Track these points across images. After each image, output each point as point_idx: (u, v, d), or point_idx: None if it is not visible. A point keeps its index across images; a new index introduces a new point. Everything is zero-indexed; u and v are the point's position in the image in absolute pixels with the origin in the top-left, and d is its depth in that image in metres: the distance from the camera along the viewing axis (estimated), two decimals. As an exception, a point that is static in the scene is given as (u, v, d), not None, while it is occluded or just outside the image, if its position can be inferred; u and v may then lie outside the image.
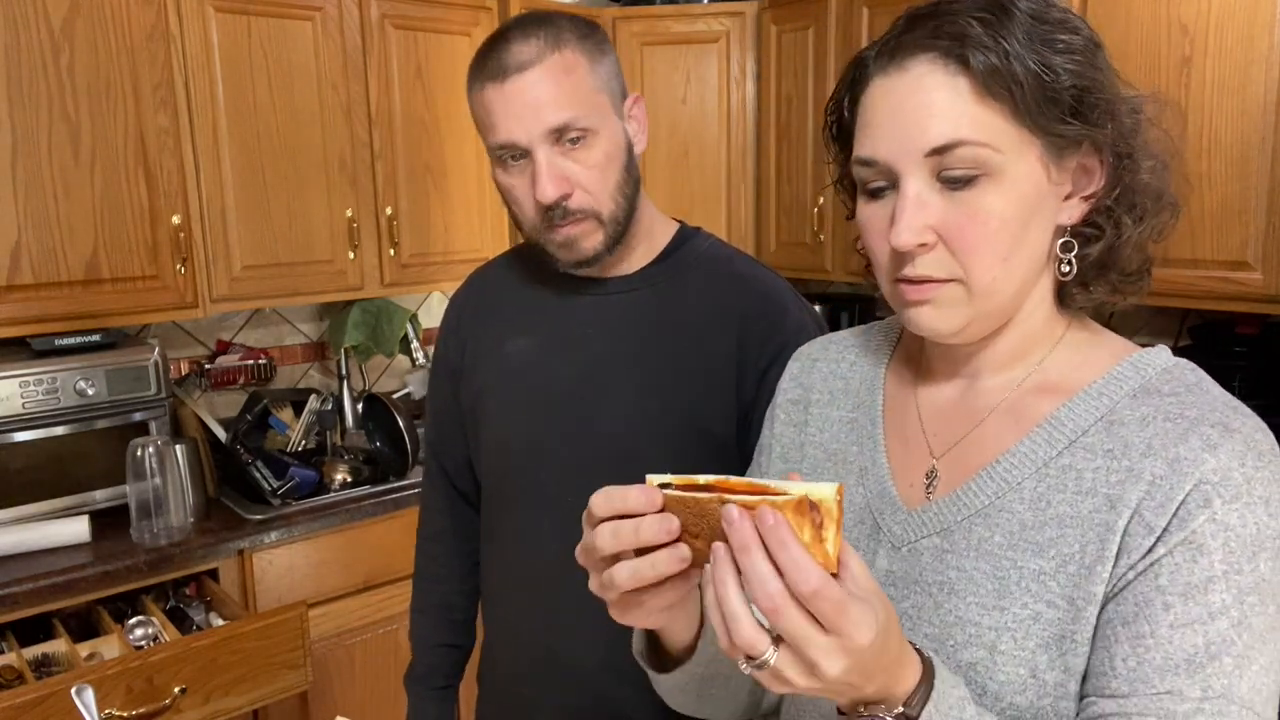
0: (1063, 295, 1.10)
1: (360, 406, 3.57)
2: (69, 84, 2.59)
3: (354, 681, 3.06)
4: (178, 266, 2.82)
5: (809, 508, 0.79)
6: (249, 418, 3.24)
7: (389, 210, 3.31)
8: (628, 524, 0.88)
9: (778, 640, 0.81)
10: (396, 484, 3.18)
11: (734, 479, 0.84)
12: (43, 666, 2.39)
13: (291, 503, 2.97)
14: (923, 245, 1.00)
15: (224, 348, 3.39)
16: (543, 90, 1.44)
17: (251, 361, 3.38)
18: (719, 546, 0.82)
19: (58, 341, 2.65)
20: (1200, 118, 2.49)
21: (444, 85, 3.41)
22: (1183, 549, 0.93)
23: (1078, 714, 0.97)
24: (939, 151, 0.98)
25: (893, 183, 1.03)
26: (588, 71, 1.48)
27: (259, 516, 2.86)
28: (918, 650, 0.91)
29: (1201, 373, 1.05)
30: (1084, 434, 1.03)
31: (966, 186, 0.99)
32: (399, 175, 3.34)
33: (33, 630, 2.51)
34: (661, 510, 0.87)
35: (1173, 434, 0.97)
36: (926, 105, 0.99)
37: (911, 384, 1.20)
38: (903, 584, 1.09)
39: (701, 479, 0.86)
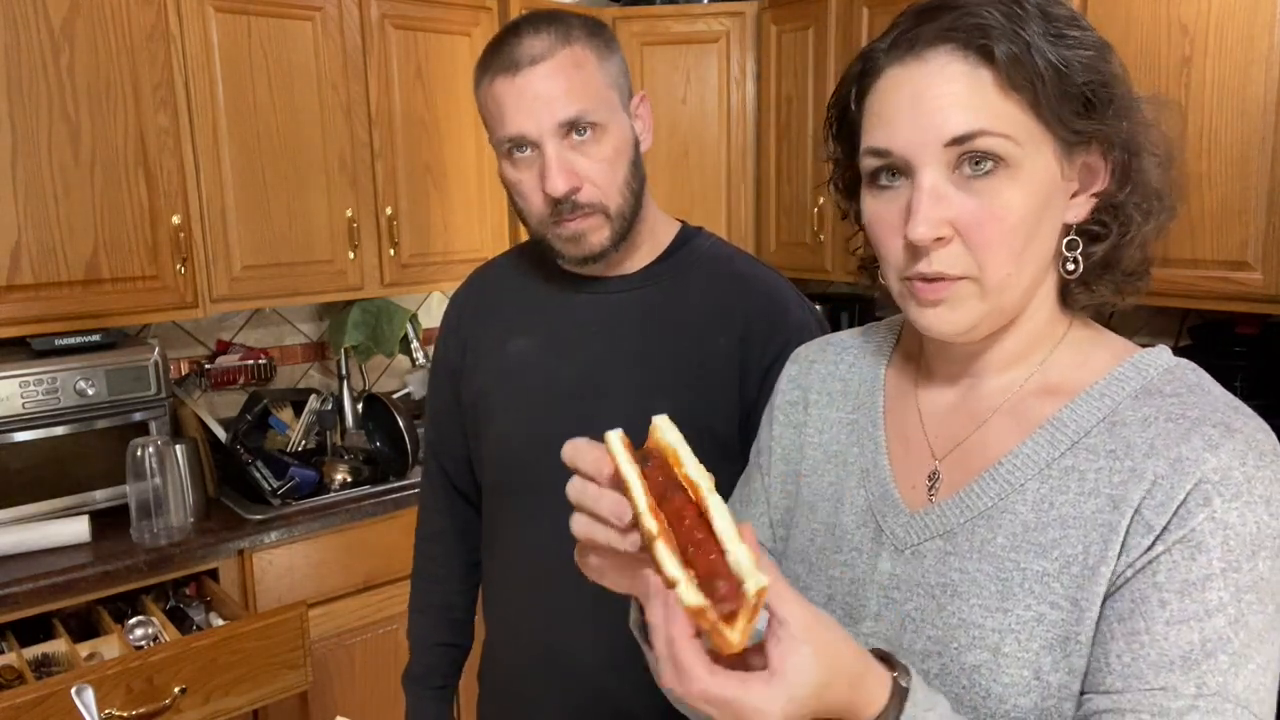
0: (1065, 295, 1.09)
1: (360, 406, 3.57)
2: (69, 84, 2.59)
3: (354, 681, 3.06)
4: (178, 266, 2.82)
5: (722, 597, 0.78)
6: (249, 418, 3.24)
7: (389, 210, 3.30)
8: (592, 490, 0.92)
9: None
10: (396, 484, 3.17)
11: (704, 489, 0.84)
12: (43, 666, 2.38)
13: (291, 503, 2.96)
14: (939, 239, 0.99)
15: (224, 348, 3.38)
16: (554, 84, 1.44)
17: (251, 361, 3.38)
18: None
19: (58, 341, 2.64)
20: (1200, 118, 2.49)
21: (444, 85, 3.41)
22: (1181, 547, 0.92)
23: (1075, 711, 0.98)
24: (959, 141, 0.97)
25: (905, 175, 1.02)
26: (597, 67, 1.49)
27: (259, 516, 2.85)
28: (895, 678, 0.91)
29: (1202, 373, 1.04)
30: (1086, 435, 1.02)
31: (984, 178, 0.98)
32: (399, 175, 3.33)
33: (33, 630, 2.50)
34: (617, 477, 0.89)
35: (1175, 434, 0.96)
36: (948, 95, 0.98)
37: (912, 385, 1.19)
38: (906, 586, 1.09)
39: (687, 461, 0.87)
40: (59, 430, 2.62)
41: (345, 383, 3.55)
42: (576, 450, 0.95)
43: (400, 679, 1.90)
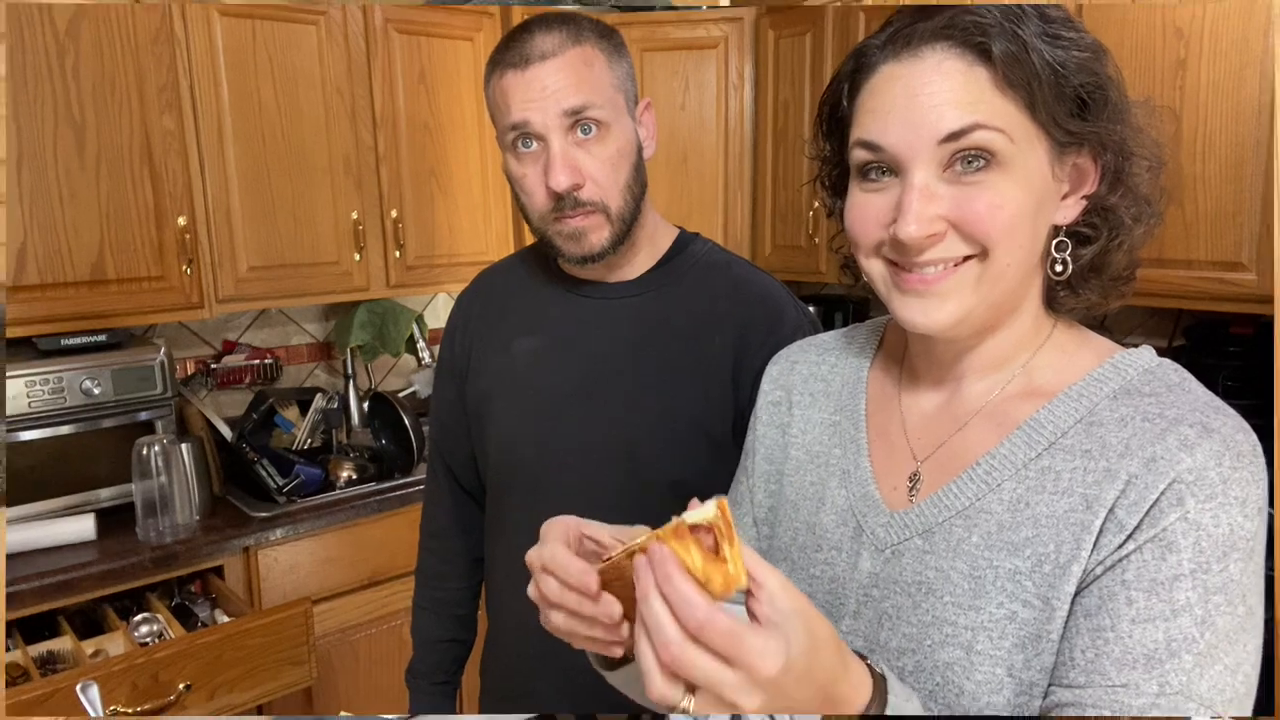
0: (1051, 298, 1.05)
1: (366, 405, 3.50)
2: (74, 86, 2.52)
3: (358, 676, 2.99)
4: (184, 268, 2.75)
5: (688, 530, 0.76)
6: (254, 416, 3.16)
7: (394, 213, 3.23)
8: (573, 599, 0.90)
9: (692, 687, 0.77)
10: (401, 480, 3.10)
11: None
12: (48, 664, 2.32)
13: (296, 500, 2.89)
14: (932, 236, 0.95)
15: (230, 348, 3.32)
16: (562, 77, 1.41)
17: (257, 361, 3.31)
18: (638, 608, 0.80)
19: (64, 341, 2.57)
20: (1195, 120, 2.42)
21: (447, 90, 3.34)
22: (1152, 545, 0.89)
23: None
24: (954, 136, 0.92)
25: (895, 173, 0.97)
26: (605, 68, 1.46)
27: (264, 514, 2.79)
28: (869, 665, 0.88)
29: (1185, 373, 1.00)
30: (1063, 435, 0.99)
31: (977, 173, 0.93)
32: (403, 179, 3.26)
33: (38, 627, 2.44)
34: (600, 584, 0.88)
35: (1151, 433, 0.92)
36: (944, 91, 0.93)
37: (895, 388, 1.16)
38: (885, 584, 1.06)
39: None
40: (65, 429, 2.55)
41: (351, 382, 3.48)
42: (556, 562, 0.92)
43: (404, 675, 1.85)
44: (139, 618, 2.50)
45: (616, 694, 1.52)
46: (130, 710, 2.18)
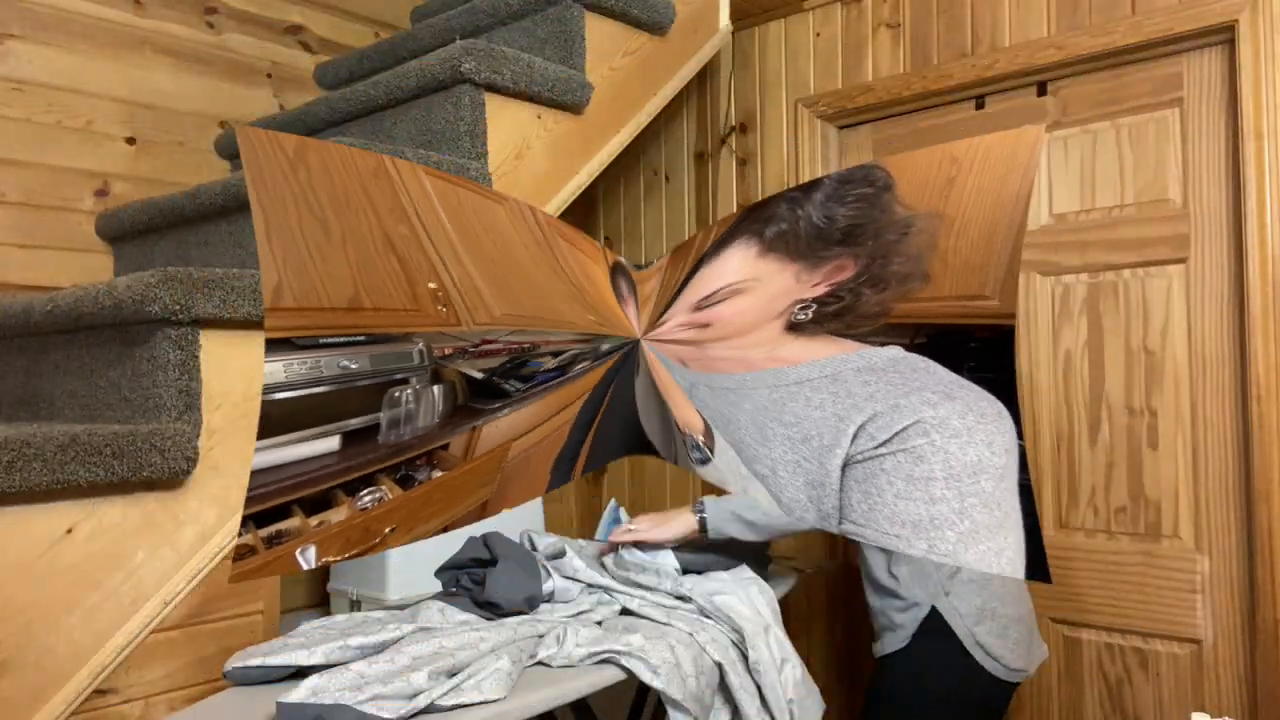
0: (795, 326, 0.31)
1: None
2: (310, 190, 1.06)
3: (525, 481, 1.27)
4: (439, 308, 1.22)
5: None
6: (508, 365, 1.42)
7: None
8: None
9: None
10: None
11: None
12: (275, 540, 1.01)
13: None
14: None
15: (488, 344, 1.64)
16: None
17: (515, 347, 1.61)
18: None
19: (321, 340, 1.19)
20: (955, 212, 1.10)
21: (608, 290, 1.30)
22: (904, 455, 0.34)
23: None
24: (709, 296, 0.39)
25: None
26: None
27: (497, 404, 1.16)
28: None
29: (932, 363, 0.36)
30: (808, 381, 0.36)
31: (719, 304, 0.37)
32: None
33: (272, 518, 1.06)
34: None
35: (894, 393, 0.36)
36: (720, 268, 0.39)
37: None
38: (698, 399, 0.40)
39: None
40: (320, 390, 1.16)
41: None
42: None
43: (552, 466, 0.78)
44: (365, 491, 1.20)
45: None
46: (338, 557, 0.94)
